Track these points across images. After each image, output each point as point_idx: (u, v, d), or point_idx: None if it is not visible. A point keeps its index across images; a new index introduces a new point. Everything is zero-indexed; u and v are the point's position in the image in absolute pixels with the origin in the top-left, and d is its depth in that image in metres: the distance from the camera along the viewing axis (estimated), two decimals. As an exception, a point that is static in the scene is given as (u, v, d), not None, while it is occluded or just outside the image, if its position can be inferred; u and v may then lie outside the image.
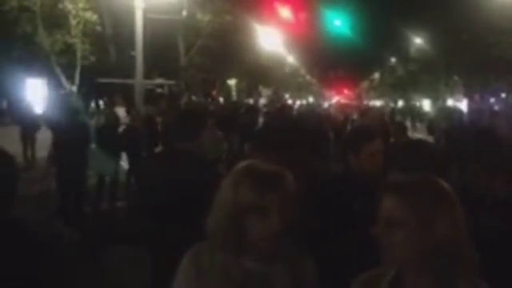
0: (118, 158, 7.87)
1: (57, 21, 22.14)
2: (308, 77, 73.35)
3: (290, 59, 53.63)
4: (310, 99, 54.25)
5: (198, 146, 2.90)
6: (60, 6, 21.77)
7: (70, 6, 21.72)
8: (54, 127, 7.35)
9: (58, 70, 23.08)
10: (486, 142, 4.01)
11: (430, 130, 10.99)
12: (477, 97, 34.39)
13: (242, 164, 1.59)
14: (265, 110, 15.63)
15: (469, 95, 34.36)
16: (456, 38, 28.24)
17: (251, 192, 1.50)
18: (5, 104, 25.62)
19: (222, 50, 29.11)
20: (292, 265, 1.60)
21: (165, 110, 14.44)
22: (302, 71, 66.93)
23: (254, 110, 8.55)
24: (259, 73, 39.46)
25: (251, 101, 33.54)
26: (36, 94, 24.69)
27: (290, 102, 44.60)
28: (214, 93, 36.09)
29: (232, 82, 39.37)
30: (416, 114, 32.29)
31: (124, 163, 8.38)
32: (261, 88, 47.47)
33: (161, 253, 2.68)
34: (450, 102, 34.20)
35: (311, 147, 3.48)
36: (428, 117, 23.01)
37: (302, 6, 38.14)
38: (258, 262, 1.55)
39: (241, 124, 7.46)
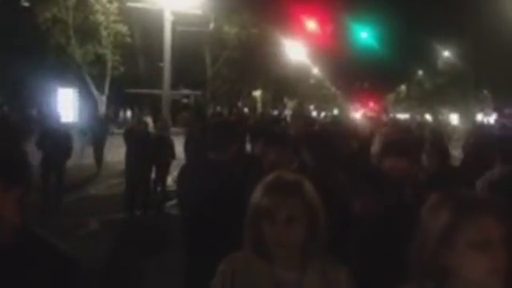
0: (148, 163, 7.98)
1: (88, 32, 22.74)
2: (333, 89, 72.97)
3: (315, 71, 53.52)
4: (335, 111, 53.94)
5: (232, 156, 2.94)
6: (92, 17, 22.38)
7: (101, 18, 22.31)
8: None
9: (88, 80, 23.68)
10: None
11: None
12: (507, 111, 33.60)
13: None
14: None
15: (499, 109, 33.63)
16: (485, 50, 27.75)
17: (262, 197, 1.52)
18: (35, 112, 26.46)
19: (248, 62, 29.33)
20: (326, 276, 1.59)
21: (191, 121, 14.58)
22: (327, 83, 66.67)
23: (280, 120, 8.56)
24: (284, 84, 39.44)
25: (276, 112, 33.60)
26: (67, 103, 25.25)
27: (314, 113, 44.41)
28: (240, 104, 36.28)
29: (257, 93, 39.46)
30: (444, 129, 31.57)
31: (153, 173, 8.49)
32: (286, 99, 47.44)
33: (198, 261, 2.71)
34: (479, 117, 33.49)
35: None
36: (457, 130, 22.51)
37: (328, 19, 38.16)
38: (289, 270, 1.56)
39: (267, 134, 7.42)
